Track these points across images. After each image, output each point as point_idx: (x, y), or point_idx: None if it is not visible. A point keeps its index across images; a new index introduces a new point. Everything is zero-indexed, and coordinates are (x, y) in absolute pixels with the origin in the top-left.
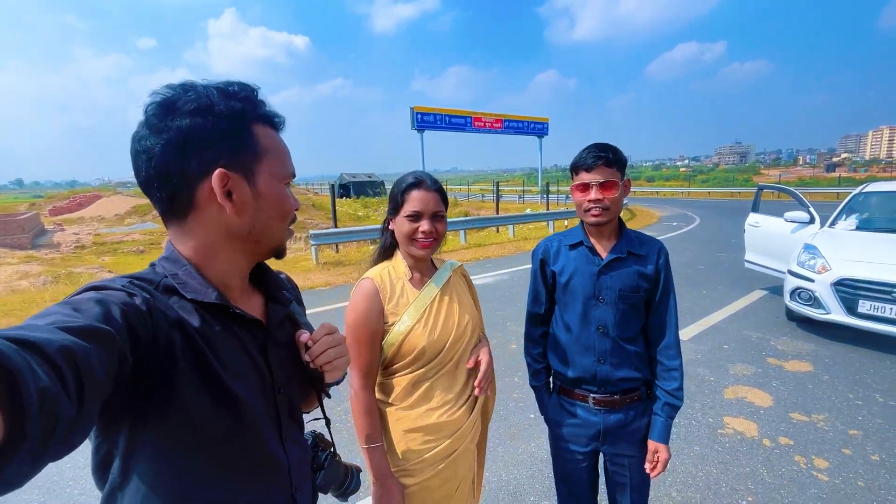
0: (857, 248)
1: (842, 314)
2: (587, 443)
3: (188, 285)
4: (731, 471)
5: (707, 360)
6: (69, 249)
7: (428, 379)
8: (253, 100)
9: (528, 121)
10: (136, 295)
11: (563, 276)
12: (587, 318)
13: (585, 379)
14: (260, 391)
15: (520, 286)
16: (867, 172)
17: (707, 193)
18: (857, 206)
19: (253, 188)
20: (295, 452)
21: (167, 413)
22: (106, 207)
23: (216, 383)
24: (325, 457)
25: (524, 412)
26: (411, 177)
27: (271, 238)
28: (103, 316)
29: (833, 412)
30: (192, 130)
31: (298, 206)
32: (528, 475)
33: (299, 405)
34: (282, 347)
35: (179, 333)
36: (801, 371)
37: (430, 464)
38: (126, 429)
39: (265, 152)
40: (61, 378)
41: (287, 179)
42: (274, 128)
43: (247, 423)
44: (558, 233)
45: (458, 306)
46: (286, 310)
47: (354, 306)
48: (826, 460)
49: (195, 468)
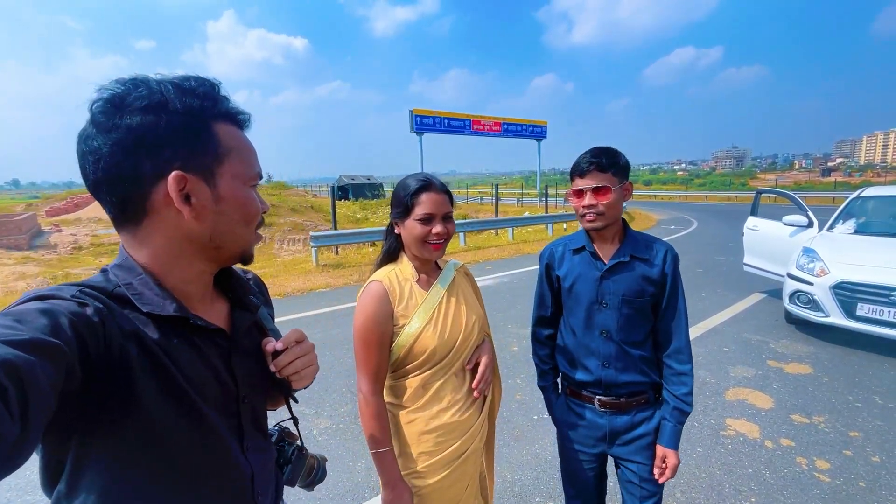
0: (856, 252)
1: (840, 317)
2: (594, 444)
3: (144, 296)
4: (734, 472)
5: (708, 363)
6: (66, 250)
7: (438, 379)
8: (213, 96)
9: (527, 124)
10: (87, 304)
11: (567, 280)
12: (591, 322)
13: (591, 382)
14: (222, 402)
15: (520, 288)
16: (862, 177)
17: (704, 197)
18: (855, 210)
19: (213, 191)
20: (257, 460)
21: (123, 427)
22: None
23: (176, 395)
24: (292, 451)
25: (527, 414)
26: (417, 180)
27: (235, 244)
28: (50, 327)
29: (833, 414)
30: (144, 129)
31: (266, 209)
32: (532, 476)
33: (263, 413)
34: (247, 356)
35: (135, 345)
36: (800, 373)
37: (443, 465)
38: (74, 443)
39: (227, 152)
40: (2, 395)
41: (252, 181)
42: (238, 126)
43: (207, 434)
44: (564, 237)
45: (465, 306)
46: (253, 317)
47: (364, 309)
48: (827, 462)
49: (151, 482)
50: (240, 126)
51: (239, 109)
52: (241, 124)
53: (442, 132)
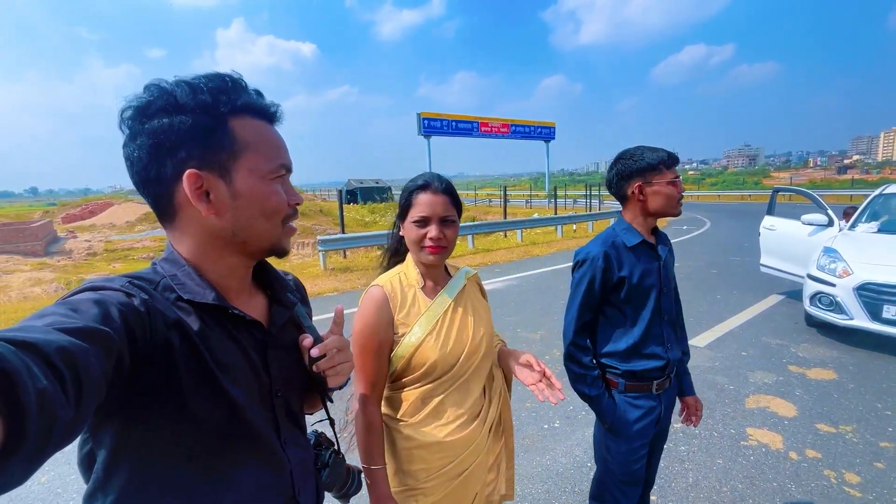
0: (881, 252)
1: (865, 320)
2: (651, 431)
3: (186, 286)
4: (758, 486)
5: (725, 368)
6: (81, 256)
7: (439, 394)
8: (227, 90)
9: (535, 125)
10: (134, 295)
11: (634, 277)
12: (657, 310)
13: (657, 367)
14: (256, 393)
15: (529, 292)
16: (880, 174)
17: (717, 196)
18: (878, 207)
19: (230, 187)
20: (296, 454)
21: (162, 415)
22: (117, 215)
23: (212, 385)
24: (329, 455)
25: (538, 423)
26: (420, 178)
27: (259, 238)
28: (101, 317)
29: (861, 423)
30: (162, 132)
31: (298, 201)
32: (544, 490)
33: (299, 408)
34: (283, 350)
35: (177, 334)
36: (824, 379)
37: (444, 482)
38: (114, 428)
39: (244, 147)
40: (60, 379)
41: (273, 174)
42: (265, 119)
43: (242, 425)
44: (601, 237)
45: (473, 318)
46: (289, 312)
47: (363, 314)
48: (857, 475)
49: (188, 471)
50: (267, 119)
51: (262, 102)
52: (267, 117)
53: (450, 135)
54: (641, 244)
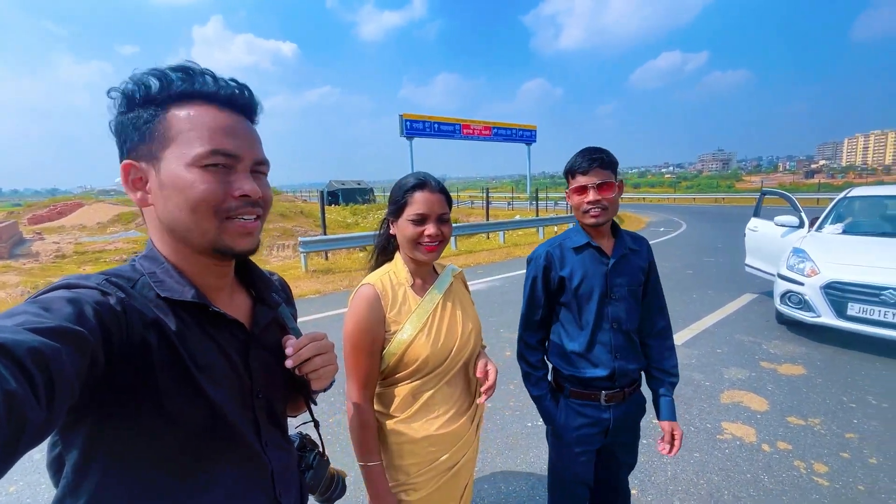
0: (845, 252)
1: (832, 317)
2: (597, 440)
3: (165, 283)
4: (733, 478)
5: (701, 365)
6: (49, 259)
7: (429, 389)
8: (169, 79)
9: (517, 128)
10: (110, 294)
11: (575, 279)
12: (601, 316)
13: (602, 377)
14: (237, 395)
15: (512, 292)
16: (844, 179)
17: (692, 199)
18: (843, 210)
19: (158, 176)
20: (277, 456)
21: (137, 415)
22: (88, 216)
23: (190, 386)
24: (314, 457)
25: (521, 421)
26: (414, 178)
27: (191, 232)
28: (75, 316)
29: (828, 415)
30: (115, 123)
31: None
32: (528, 486)
33: (282, 410)
34: (265, 351)
35: (155, 334)
36: (794, 374)
37: (434, 476)
38: (86, 429)
39: (177, 134)
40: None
41: (203, 160)
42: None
43: (221, 426)
44: (553, 238)
45: (462, 314)
46: (273, 313)
47: (355, 313)
48: (825, 465)
49: (163, 473)
50: (219, 102)
51: (206, 88)
52: (219, 100)
53: (432, 136)
54: (586, 246)
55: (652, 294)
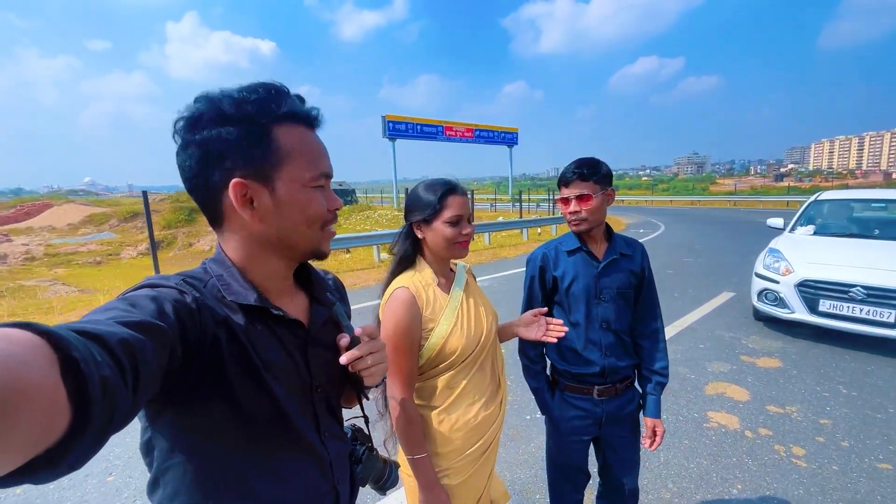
0: (817, 252)
1: (805, 313)
2: (590, 430)
3: (230, 287)
4: (720, 461)
5: (686, 360)
6: (18, 261)
7: (463, 378)
8: (269, 100)
9: (498, 130)
10: (186, 293)
11: (566, 279)
12: (591, 316)
13: (593, 373)
14: (297, 389)
15: (501, 292)
16: (811, 182)
17: (669, 202)
18: (813, 212)
19: (273, 195)
20: (335, 446)
21: (211, 407)
22: (57, 216)
23: (257, 380)
24: (363, 451)
25: (520, 414)
26: (443, 183)
27: (301, 243)
28: (157, 312)
29: (804, 404)
30: (209, 142)
31: (338, 206)
32: (531, 474)
33: (338, 402)
34: (323, 348)
35: (225, 331)
36: (771, 367)
37: (472, 460)
38: (170, 418)
39: (286, 155)
40: (121, 368)
41: (314, 182)
42: (307, 125)
43: (284, 418)
44: (552, 240)
45: (482, 306)
46: (329, 312)
47: (394, 315)
48: (803, 448)
49: (240, 459)
50: (309, 125)
51: (303, 109)
52: (309, 123)
53: (415, 138)
54: (578, 250)
55: (645, 297)
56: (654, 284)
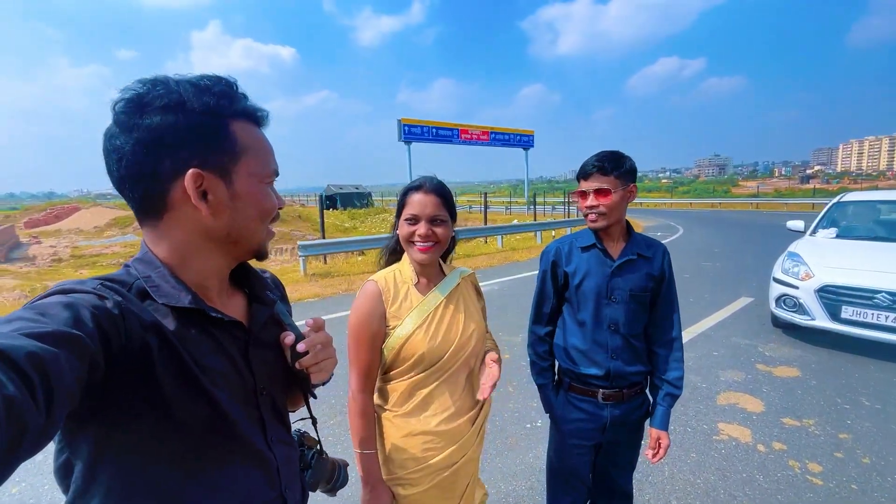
0: (839, 256)
1: (826, 320)
2: (593, 436)
3: (161, 289)
4: (729, 477)
5: (698, 367)
6: (46, 263)
7: (426, 386)
8: (230, 94)
9: (514, 133)
10: (107, 298)
11: (577, 276)
12: (599, 316)
13: (598, 375)
14: (241, 393)
15: (511, 296)
16: (839, 184)
17: (689, 204)
18: (836, 215)
19: (230, 188)
20: (282, 451)
21: (142, 419)
22: (85, 219)
23: (194, 387)
24: (312, 455)
25: (520, 423)
26: (417, 180)
27: (250, 239)
28: (72, 320)
29: (822, 416)
30: (164, 129)
31: (283, 205)
32: (527, 486)
33: (284, 405)
34: (265, 349)
35: (155, 337)
36: (789, 376)
37: (430, 472)
38: (92, 435)
39: (244, 150)
40: (29, 386)
41: (268, 178)
42: (256, 123)
43: (227, 426)
44: (568, 235)
45: (464, 315)
46: (270, 310)
47: (356, 307)
48: (819, 465)
49: (173, 475)
50: (257, 123)
51: (256, 107)
52: (258, 122)
53: (430, 141)
54: (592, 246)
55: (663, 302)
56: (674, 289)
